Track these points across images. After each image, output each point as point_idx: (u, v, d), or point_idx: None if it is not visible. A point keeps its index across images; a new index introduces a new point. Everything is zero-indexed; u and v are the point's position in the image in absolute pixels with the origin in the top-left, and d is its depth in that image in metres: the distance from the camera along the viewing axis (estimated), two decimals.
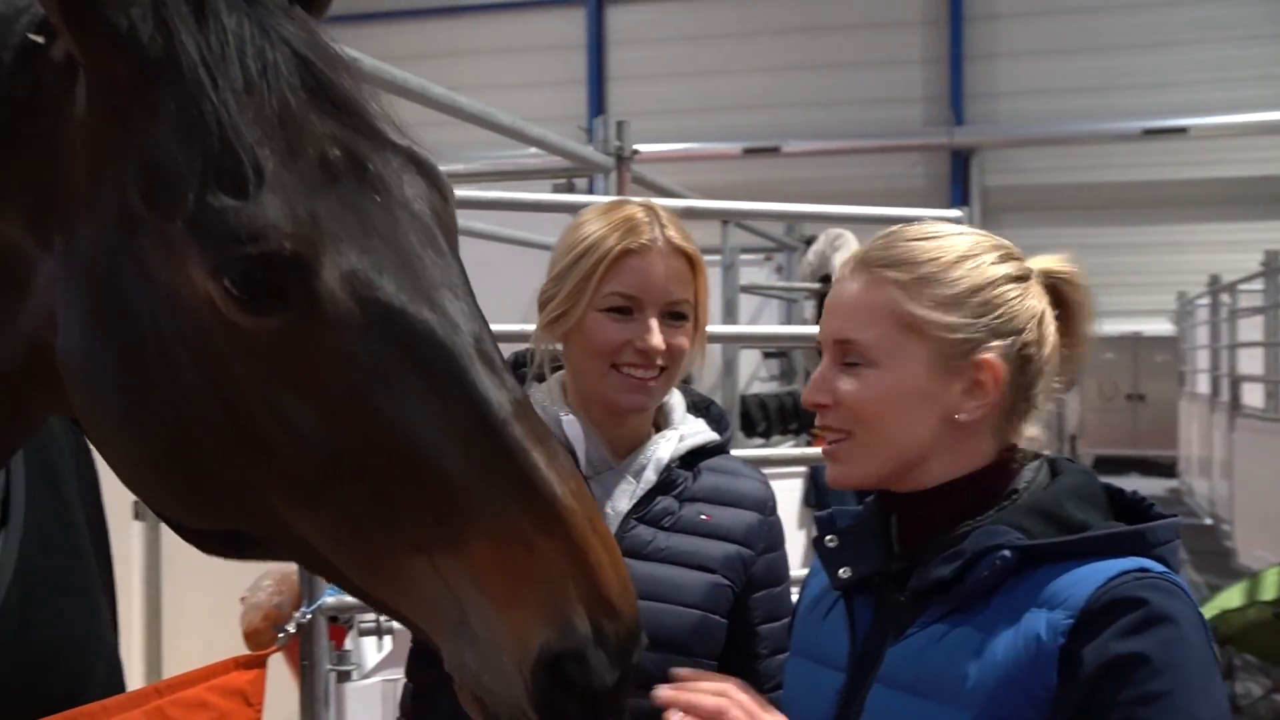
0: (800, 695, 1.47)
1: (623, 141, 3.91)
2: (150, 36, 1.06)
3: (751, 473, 1.88)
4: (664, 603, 1.71)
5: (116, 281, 1.08)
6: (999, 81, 15.59)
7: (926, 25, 15.79)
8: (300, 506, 1.09)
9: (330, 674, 2.39)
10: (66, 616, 1.64)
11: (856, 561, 1.43)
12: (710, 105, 16.02)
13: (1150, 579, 1.24)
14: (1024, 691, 1.22)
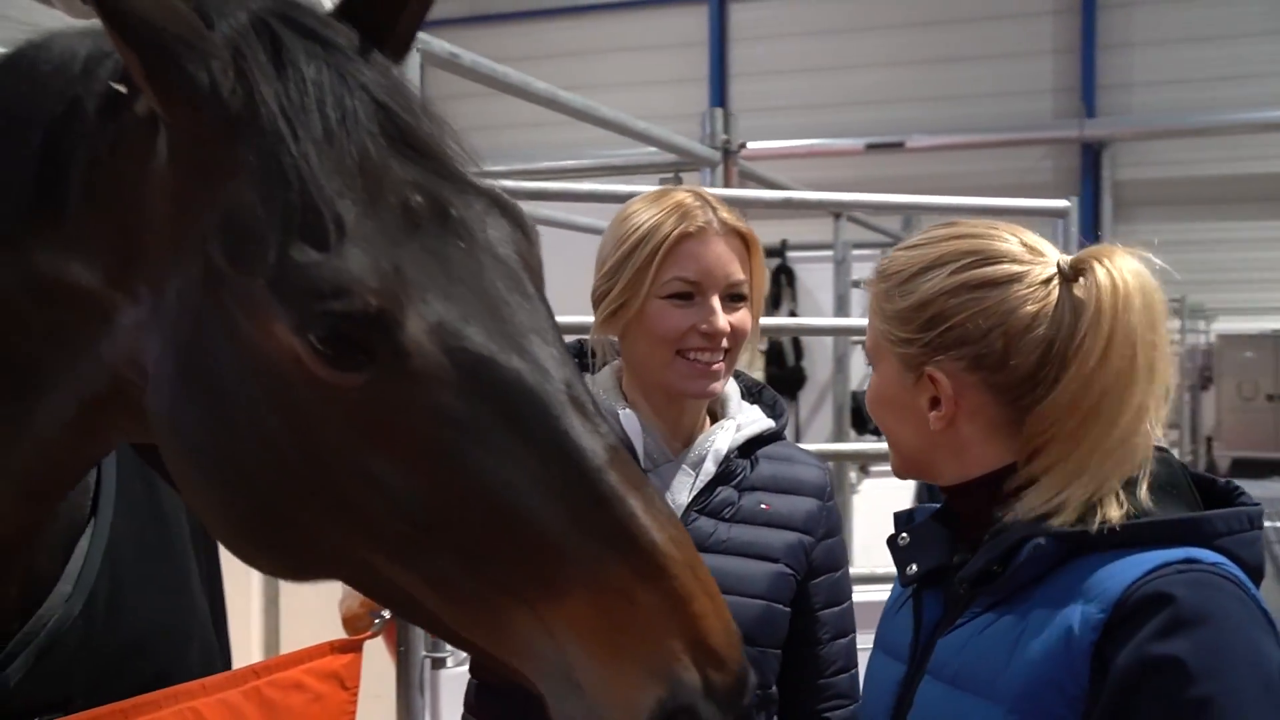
0: (869, 686, 1.50)
1: (729, 135, 3.89)
2: (231, 90, 1.06)
3: (808, 459, 1.88)
4: (730, 594, 1.69)
5: (202, 338, 1.08)
6: (1133, 72, 15.09)
7: (1058, 15, 15.37)
8: (396, 560, 1.08)
9: (425, 660, 2.43)
10: (155, 605, 1.70)
11: (922, 557, 1.43)
12: (832, 101, 15.86)
13: (1195, 572, 1.18)
14: (1056, 688, 1.19)
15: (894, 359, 1.38)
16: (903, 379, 1.37)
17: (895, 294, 1.38)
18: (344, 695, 2.11)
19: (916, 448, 1.40)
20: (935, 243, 1.38)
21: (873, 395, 1.44)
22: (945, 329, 1.33)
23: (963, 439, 1.35)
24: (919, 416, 1.37)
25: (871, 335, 1.43)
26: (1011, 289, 1.32)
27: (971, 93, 15.32)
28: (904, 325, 1.36)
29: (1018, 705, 1.21)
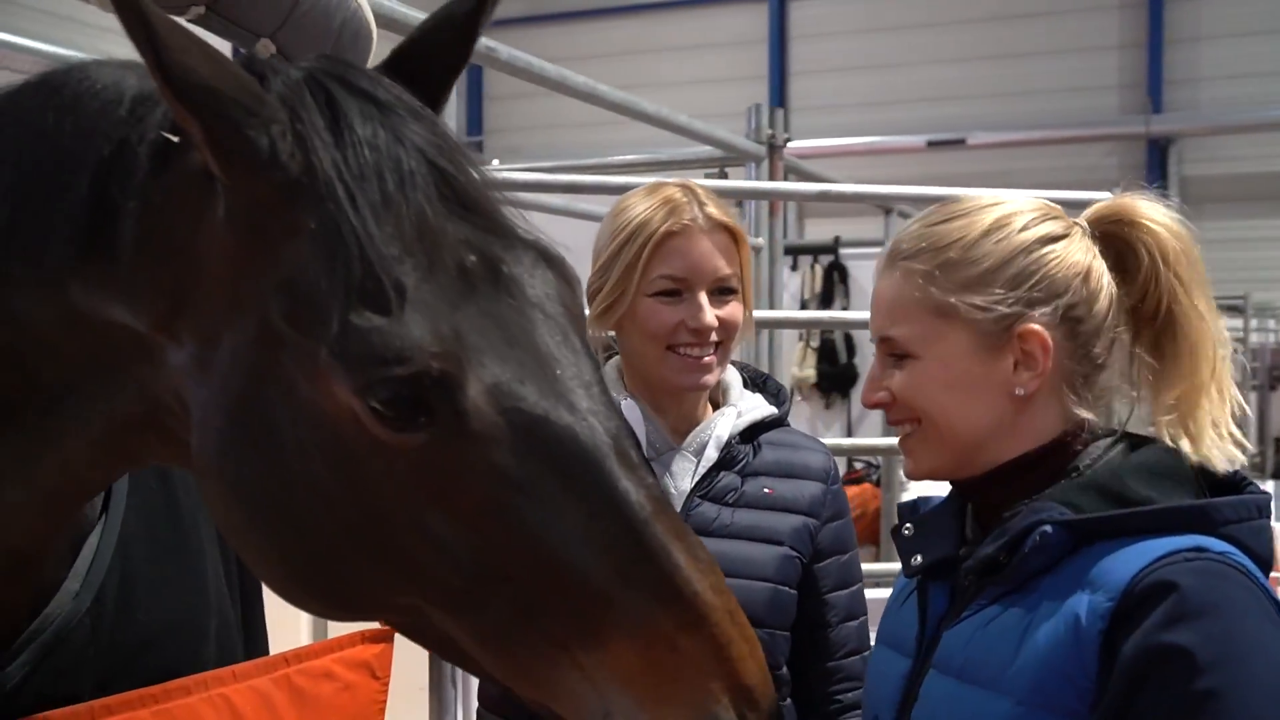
0: (874, 681, 1.48)
1: (775, 130, 3.87)
2: (290, 155, 1.07)
3: (812, 444, 1.91)
4: (736, 577, 1.71)
5: (256, 392, 1.10)
6: (1201, 66, 14.80)
7: (1124, 9, 15.11)
8: (445, 610, 1.11)
9: None
10: (167, 603, 1.71)
11: (928, 548, 1.41)
12: (893, 98, 15.73)
13: (1203, 560, 1.16)
14: (1065, 678, 1.18)
15: (964, 331, 1.32)
16: (979, 350, 1.32)
17: (962, 262, 1.33)
18: (375, 685, 2.12)
19: (981, 427, 1.34)
20: (972, 212, 1.36)
21: (925, 381, 1.35)
22: (1035, 282, 1.31)
23: (1031, 406, 1.33)
24: (994, 388, 1.32)
25: (916, 319, 1.35)
26: (1069, 241, 1.34)
27: (1035, 89, 15.12)
28: (985, 288, 1.31)
29: (1026, 697, 1.19)
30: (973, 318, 1.31)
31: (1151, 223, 1.34)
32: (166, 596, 1.71)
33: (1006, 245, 1.32)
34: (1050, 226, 1.34)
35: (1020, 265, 1.32)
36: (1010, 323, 1.31)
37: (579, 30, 16.72)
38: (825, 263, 6.73)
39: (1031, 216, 1.35)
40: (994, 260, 1.32)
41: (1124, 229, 1.35)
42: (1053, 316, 1.31)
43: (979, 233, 1.33)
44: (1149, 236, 1.34)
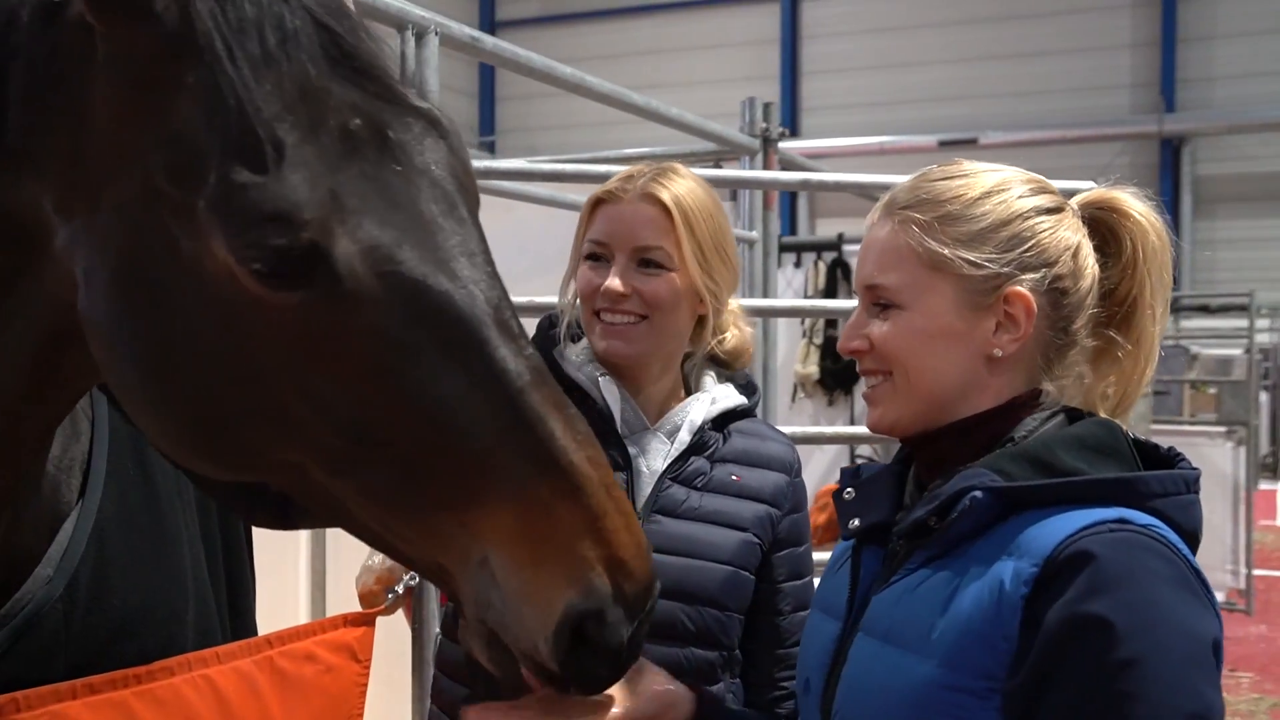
0: (805, 645, 1.50)
1: (769, 123, 3.88)
2: (165, 6, 1.07)
3: (778, 436, 1.93)
4: (698, 559, 1.77)
5: (139, 250, 1.11)
6: (1214, 65, 14.75)
7: (1136, 8, 15.08)
8: (330, 470, 1.13)
9: (438, 638, 2.45)
10: (144, 588, 1.70)
11: (866, 512, 1.43)
12: (905, 98, 15.72)
13: (1125, 532, 1.17)
14: (986, 643, 1.19)
15: (952, 286, 1.33)
16: (964, 306, 1.33)
17: (961, 217, 1.33)
18: (356, 668, 2.14)
19: (953, 383, 1.35)
20: (972, 174, 1.37)
21: (907, 332, 1.35)
22: (1028, 248, 1.33)
23: (1003, 368, 1.34)
24: (972, 346, 1.33)
25: (906, 269, 1.35)
26: (1063, 216, 1.36)
27: (1047, 88, 15.09)
28: (980, 246, 1.32)
29: (947, 659, 1.21)
30: (963, 273, 1.32)
31: (1140, 216, 1.37)
32: (142, 583, 1.70)
33: (1005, 208, 1.33)
34: (1046, 199, 1.36)
35: (1016, 229, 1.33)
36: (999, 283, 1.32)
37: (591, 31, 16.76)
38: (829, 259, 6.73)
39: (1029, 187, 1.36)
40: (992, 220, 1.33)
41: (1113, 217, 1.38)
42: (1040, 284, 1.32)
43: (980, 192, 1.34)
44: (1135, 228, 1.37)
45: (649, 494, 1.79)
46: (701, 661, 1.76)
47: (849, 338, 1.40)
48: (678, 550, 1.76)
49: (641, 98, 3.24)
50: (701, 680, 1.73)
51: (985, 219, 1.33)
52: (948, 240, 1.33)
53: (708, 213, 1.80)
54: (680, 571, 1.75)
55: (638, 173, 1.80)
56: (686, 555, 1.76)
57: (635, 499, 1.79)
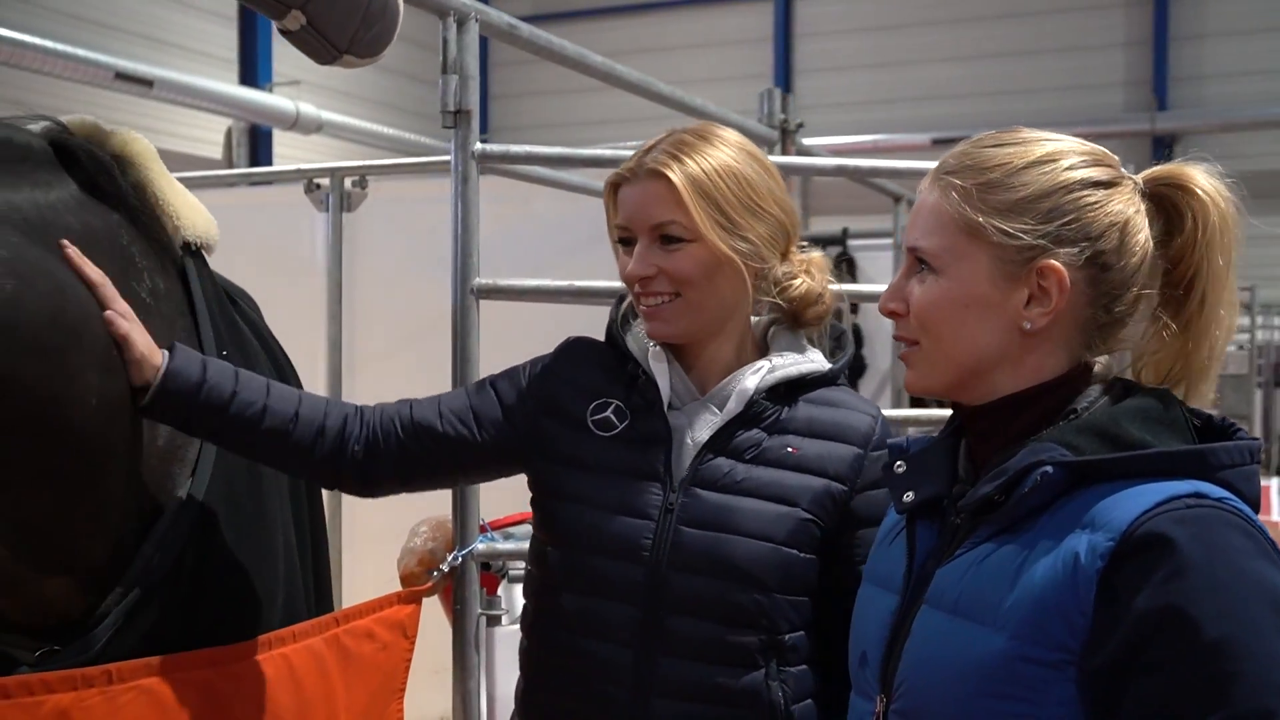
0: (859, 619, 1.48)
1: (788, 114, 3.91)
2: None
3: (860, 405, 1.82)
4: (732, 534, 1.71)
5: None
6: (1206, 63, 14.83)
7: (1129, 6, 15.14)
8: None
9: (481, 618, 2.48)
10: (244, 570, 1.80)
11: (921, 485, 1.42)
12: (898, 96, 15.75)
13: (1202, 508, 1.18)
14: (1060, 615, 1.19)
15: (986, 255, 1.33)
16: (996, 275, 1.33)
17: (1002, 185, 1.32)
18: (405, 644, 2.19)
19: (983, 354, 1.34)
20: (1025, 142, 1.36)
21: (940, 297, 1.35)
22: (1067, 221, 1.31)
23: (1038, 343, 1.34)
24: (1003, 317, 1.33)
25: (946, 234, 1.34)
26: (1117, 190, 1.34)
27: (1040, 86, 15.14)
28: (1017, 216, 1.31)
29: (1020, 631, 1.21)
30: (997, 241, 1.32)
31: (1204, 192, 1.34)
32: (243, 564, 1.77)
33: (1049, 179, 1.32)
34: (1099, 172, 1.34)
35: (1057, 201, 1.31)
36: (1033, 255, 1.31)
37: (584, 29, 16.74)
38: (834, 254, 6.77)
39: (1082, 159, 1.34)
40: (1033, 190, 1.32)
41: (1176, 193, 1.35)
42: (1077, 258, 1.31)
43: (1026, 162, 1.33)
44: (1198, 205, 1.34)
45: (689, 466, 1.74)
46: (733, 643, 1.69)
47: (889, 298, 1.41)
48: (710, 524, 1.70)
49: (667, 87, 3.26)
50: (736, 665, 1.68)
51: (1026, 189, 1.32)
52: (984, 208, 1.32)
53: (729, 171, 1.73)
54: (709, 544, 1.70)
55: (655, 145, 1.76)
56: (720, 529, 1.70)
57: (673, 472, 1.74)
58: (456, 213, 2.45)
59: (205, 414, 1.70)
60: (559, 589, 1.79)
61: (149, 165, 1.79)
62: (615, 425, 1.79)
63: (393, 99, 15.45)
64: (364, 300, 4.25)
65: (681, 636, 1.70)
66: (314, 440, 1.79)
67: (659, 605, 1.71)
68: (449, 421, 1.85)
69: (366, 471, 1.83)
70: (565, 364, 1.89)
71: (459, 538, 2.44)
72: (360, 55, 2.14)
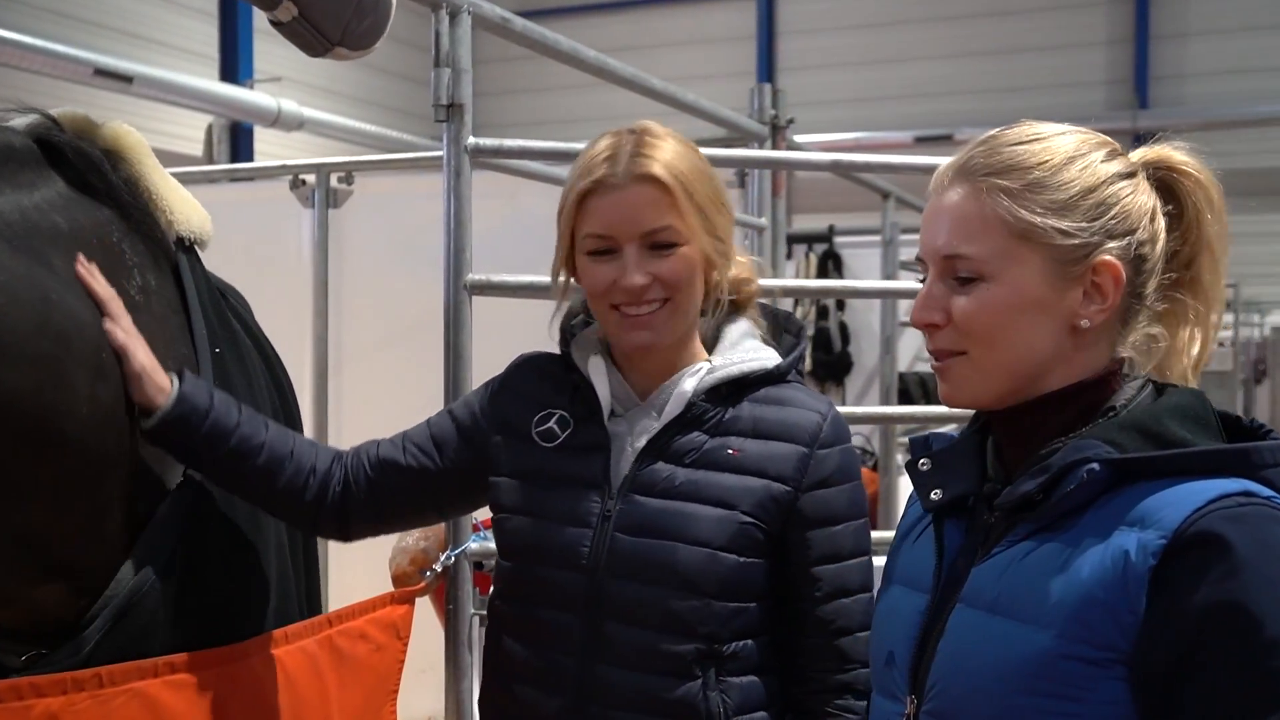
0: (885, 619, 1.45)
1: (778, 110, 3.89)
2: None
3: (810, 402, 1.76)
4: (669, 539, 1.67)
5: None
6: (1186, 62, 14.90)
7: (1110, 5, 15.21)
8: None
9: (474, 618, 2.45)
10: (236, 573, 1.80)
11: (949, 483, 1.39)
12: (881, 94, 15.78)
13: (1254, 506, 1.16)
14: (1109, 613, 1.17)
15: (1041, 256, 1.29)
16: (1053, 277, 1.30)
17: (1047, 184, 1.29)
18: (398, 645, 2.16)
19: (1040, 357, 1.31)
20: (1049, 137, 1.33)
21: (992, 305, 1.31)
22: (1114, 215, 1.30)
23: (1088, 339, 1.32)
24: (1060, 318, 1.30)
25: (992, 239, 1.31)
26: (1138, 180, 1.33)
27: (1022, 85, 15.18)
28: (1068, 214, 1.29)
29: (1067, 630, 1.18)
30: (1054, 242, 1.29)
31: (1195, 172, 1.35)
32: (235, 567, 1.75)
33: (1091, 174, 1.30)
34: (1121, 164, 1.33)
35: (1102, 195, 1.30)
36: (1088, 252, 1.29)
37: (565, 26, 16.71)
38: (820, 252, 6.77)
39: (1105, 151, 1.33)
40: (1080, 187, 1.29)
41: (1172, 176, 1.35)
42: (1126, 251, 1.30)
43: (1064, 157, 1.31)
44: (1194, 186, 1.34)
45: (627, 472, 1.72)
46: (669, 651, 1.66)
47: (925, 309, 1.35)
48: (647, 530, 1.68)
49: (660, 82, 3.24)
50: (672, 675, 1.65)
51: (1073, 186, 1.30)
52: (1038, 209, 1.29)
53: (699, 170, 1.71)
54: (645, 550, 1.67)
55: (615, 149, 1.69)
56: (658, 535, 1.67)
57: (612, 478, 1.72)
58: (449, 208, 2.42)
59: (207, 444, 1.69)
60: (509, 599, 1.81)
61: (142, 159, 1.76)
62: (558, 435, 1.79)
63: (376, 96, 15.38)
64: (350, 297, 4.22)
65: (620, 645, 1.69)
66: (305, 481, 1.79)
67: (598, 613, 1.70)
68: (411, 454, 1.85)
69: (343, 514, 1.84)
70: (516, 379, 1.89)
71: (452, 536, 2.41)
72: (353, 48, 2.11)
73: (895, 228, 5.34)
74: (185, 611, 1.63)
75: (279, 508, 1.83)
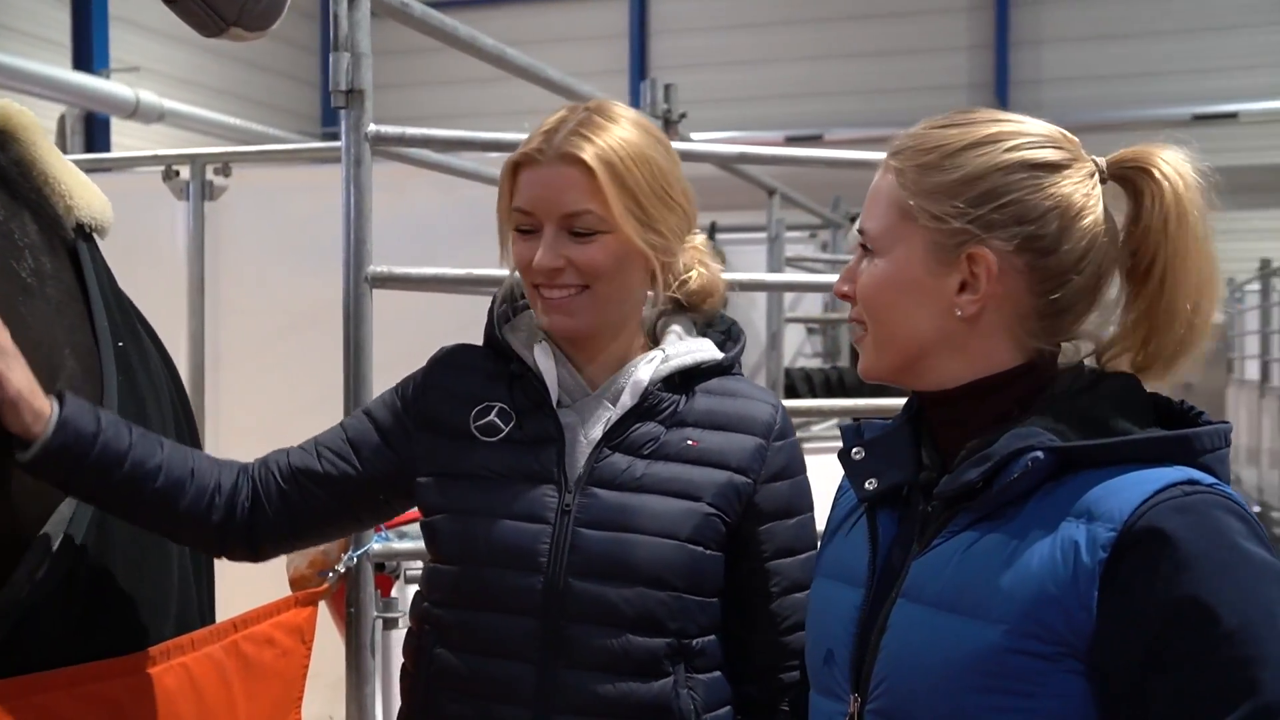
0: (820, 615, 1.42)
1: (670, 105, 3.88)
2: None
3: (758, 394, 1.74)
4: (635, 533, 1.62)
5: None
6: (1044, 68, 15.43)
7: (972, 11, 15.66)
8: None
9: (377, 621, 2.38)
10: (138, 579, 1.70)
11: (884, 472, 1.37)
12: (753, 94, 15.96)
13: (1200, 494, 1.16)
14: (1060, 608, 1.16)
15: (920, 238, 1.29)
16: (929, 259, 1.29)
17: (936, 168, 1.28)
18: (303, 650, 2.09)
19: (924, 339, 1.31)
20: (976, 123, 1.32)
21: (878, 280, 1.33)
22: (999, 205, 1.27)
23: (980, 330, 1.30)
24: (939, 302, 1.29)
25: (885, 216, 1.33)
26: (1064, 174, 1.30)
27: (890, 87, 15.52)
28: (948, 199, 1.28)
29: (1018, 625, 1.17)
30: (929, 225, 1.28)
31: (1162, 175, 1.30)
32: (137, 573, 1.67)
33: (986, 161, 1.28)
34: (1049, 154, 1.30)
35: (991, 184, 1.27)
36: (963, 240, 1.27)
37: None
38: None
39: (1031, 140, 1.30)
40: (966, 173, 1.28)
41: (1136, 174, 1.32)
42: (1008, 243, 1.27)
43: (966, 143, 1.29)
44: (1155, 187, 1.30)
45: (584, 465, 1.65)
46: (640, 650, 1.60)
47: (839, 281, 1.39)
48: (610, 524, 1.62)
49: (557, 73, 3.19)
50: (643, 674, 1.60)
51: (959, 171, 1.28)
52: (916, 190, 1.30)
53: (643, 158, 1.62)
54: (610, 546, 1.61)
55: (560, 124, 1.64)
56: (621, 529, 1.61)
57: (568, 472, 1.65)
58: (349, 198, 2.34)
59: (97, 472, 1.53)
60: (451, 606, 1.69)
61: (35, 141, 1.64)
62: (501, 428, 1.70)
63: (239, 89, 14.95)
64: (228, 294, 4.08)
65: (584, 646, 1.61)
66: (209, 501, 1.65)
67: (559, 615, 1.62)
68: (328, 460, 1.74)
69: (253, 533, 1.71)
70: (439, 375, 1.79)
71: (353, 537, 2.34)
72: (249, 28, 2.03)
73: (780, 224, 5.39)
74: (88, 621, 1.54)
75: (182, 533, 1.70)
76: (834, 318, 6.38)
